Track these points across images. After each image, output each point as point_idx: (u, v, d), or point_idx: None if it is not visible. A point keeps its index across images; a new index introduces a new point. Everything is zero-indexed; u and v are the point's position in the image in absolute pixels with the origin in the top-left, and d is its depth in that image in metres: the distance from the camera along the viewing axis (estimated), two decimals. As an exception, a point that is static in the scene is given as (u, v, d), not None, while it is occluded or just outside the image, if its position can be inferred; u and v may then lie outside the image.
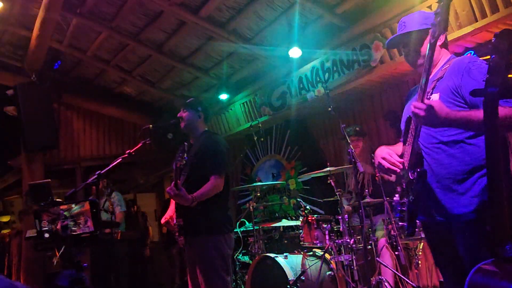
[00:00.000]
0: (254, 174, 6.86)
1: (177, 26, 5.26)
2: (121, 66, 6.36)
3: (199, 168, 2.88)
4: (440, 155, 1.89)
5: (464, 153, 1.84)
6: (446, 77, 1.89)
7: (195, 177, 2.93)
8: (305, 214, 4.10)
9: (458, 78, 1.84)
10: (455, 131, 1.85)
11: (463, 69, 1.84)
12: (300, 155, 6.07)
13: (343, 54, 4.68)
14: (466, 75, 1.81)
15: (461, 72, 1.84)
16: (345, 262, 3.64)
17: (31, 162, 6.22)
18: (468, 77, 1.80)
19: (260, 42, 5.25)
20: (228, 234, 3.07)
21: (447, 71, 1.92)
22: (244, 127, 6.32)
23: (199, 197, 2.84)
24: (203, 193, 2.87)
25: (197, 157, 3.04)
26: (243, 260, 5.49)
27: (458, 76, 1.85)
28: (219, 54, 5.71)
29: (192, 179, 2.89)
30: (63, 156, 6.87)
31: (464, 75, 1.83)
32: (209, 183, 2.92)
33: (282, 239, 4.80)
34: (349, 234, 3.65)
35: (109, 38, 5.67)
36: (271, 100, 5.80)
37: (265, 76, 5.85)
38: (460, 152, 1.85)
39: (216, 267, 2.91)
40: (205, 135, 3.20)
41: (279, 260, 3.81)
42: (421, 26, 1.99)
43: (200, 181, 2.92)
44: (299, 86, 5.35)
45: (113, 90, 7.02)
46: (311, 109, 5.53)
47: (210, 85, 6.43)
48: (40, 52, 5.64)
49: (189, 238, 3.00)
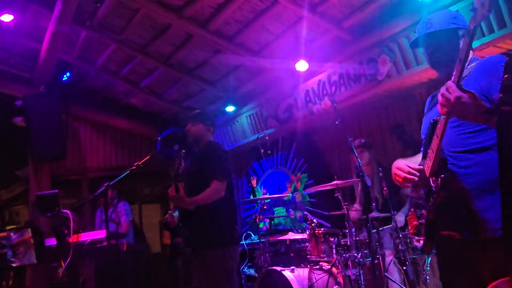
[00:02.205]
0: (259, 187, 6.85)
1: (185, 39, 5.32)
2: (128, 78, 6.41)
3: (200, 174, 2.89)
4: (466, 162, 1.76)
5: (492, 161, 1.68)
6: (472, 77, 1.77)
7: (197, 183, 2.93)
8: (312, 227, 4.07)
9: (486, 79, 1.71)
10: (482, 137, 1.74)
11: (492, 70, 1.70)
12: (306, 167, 6.06)
13: (350, 67, 4.70)
14: (494, 76, 1.65)
15: (490, 72, 1.71)
16: (352, 276, 3.60)
17: (39, 173, 6.25)
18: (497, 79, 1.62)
19: (267, 55, 5.29)
20: (232, 247, 3.05)
21: (472, 70, 1.81)
22: (250, 139, 6.34)
23: (199, 201, 2.83)
24: (203, 197, 2.87)
25: (197, 163, 3.06)
26: (248, 273, 5.45)
27: (486, 77, 1.72)
28: (226, 66, 5.75)
29: (194, 185, 2.89)
30: (70, 166, 6.91)
31: (492, 76, 1.67)
32: (209, 188, 2.92)
33: (288, 252, 4.76)
34: (357, 248, 3.63)
35: (117, 50, 5.74)
36: (277, 112, 5.82)
37: (272, 89, 5.88)
38: (488, 159, 1.71)
39: (219, 280, 2.90)
40: (207, 145, 3.23)
41: (285, 274, 3.78)
42: (449, 25, 1.86)
43: (201, 186, 2.93)
44: (306, 99, 5.37)
45: (120, 101, 7.07)
46: (318, 122, 5.54)
47: (216, 97, 6.47)
48: (49, 64, 5.71)
49: (196, 249, 3.01)
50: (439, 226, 1.80)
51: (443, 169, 1.71)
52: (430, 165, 1.73)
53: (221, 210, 2.97)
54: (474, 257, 1.73)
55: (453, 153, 1.79)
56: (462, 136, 1.78)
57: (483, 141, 1.74)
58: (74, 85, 6.73)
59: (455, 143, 1.79)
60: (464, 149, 1.77)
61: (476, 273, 1.73)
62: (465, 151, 1.77)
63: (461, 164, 1.77)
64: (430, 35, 1.88)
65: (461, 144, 1.78)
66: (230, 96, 6.22)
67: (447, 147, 1.76)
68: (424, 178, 1.79)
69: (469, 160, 1.76)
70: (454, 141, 1.79)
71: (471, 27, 1.54)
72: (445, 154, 1.76)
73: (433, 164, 1.71)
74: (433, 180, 1.73)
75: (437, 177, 1.70)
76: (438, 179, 1.69)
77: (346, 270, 3.65)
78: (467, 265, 1.76)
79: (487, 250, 1.68)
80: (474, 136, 1.75)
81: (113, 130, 7.31)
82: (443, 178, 1.68)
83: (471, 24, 1.53)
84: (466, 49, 1.55)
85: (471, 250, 1.74)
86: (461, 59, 1.56)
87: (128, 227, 5.95)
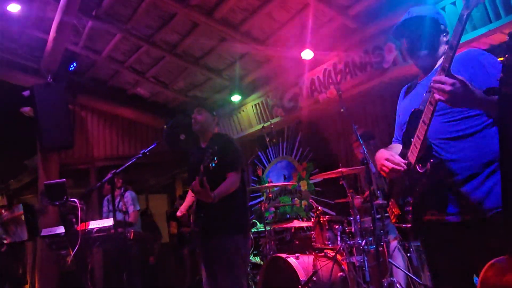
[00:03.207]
0: (265, 176, 6.88)
1: (191, 28, 5.32)
2: (135, 68, 6.44)
3: (217, 167, 2.90)
4: (451, 148, 1.81)
5: (475, 147, 1.77)
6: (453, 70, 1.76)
7: (213, 176, 2.94)
8: (316, 215, 4.10)
9: (468, 71, 1.76)
10: (465, 125, 1.80)
11: (473, 62, 1.78)
12: (312, 156, 6.07)
13: (356, 55, 4.69)
14: (477, 68, 1.75)
15: (471, 64, 1.78)
16: (357, 263, 3.63)
17: (47, 162, 6.33)
18: (480, 70, 1.73)
19: (272, 44, 5.28)
20: (247, 235, 3.10)
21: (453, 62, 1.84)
22: (256, 128, 6.36)
23: (219, 194, 2.87)
24: (222, 190, 2.90)
25: (212, 156, 3.06)
26: (254, 261, 5.50)
27: (468, 69, 1.77)
28: (232, 55, 5.75)
29: (210, 178, 2.90)
30: (78, 156, 6.97)
31: (475, 68, 1.76)
32: (227, 180, 2.96)
33: (293, 240, 4.80)
34: (361, 235, 3.65)
35: (123, 40, 5.76)
36: (283, 101, 5.83)
37: (278, 78, 5.88)
38: (470, 146, 1.78)
39: (235, 267, 2.93)
40: (216, 137, 3.24)
41: (290, 261, 3.82)
42: (433, 14, 1.92)
43: (217, 180, 2.95)
44: (311, 88, 5.36)
45: (127, 91, 7.11)
46: (323, 110, 5.54)
47: (222, 86, 6.48)
48: (56, 54, 5.74)
49: (208, 238, 3.01)
50: (426, 211, 1.84)
51: (429, 156, 1.75)
52: (416, 152, 1.77)
53: (237, 198, 3.02)
54: (462, 239, 1.78)
55: (437, 140, 1.83)
56: (446, 124, 1.82)
57: (465, 128, 1.79)
58: (80, 75, 6.77)
59: (439, 130, 1.83)
60: (448, 136, 1.82)
61: (465, 255, 1.77)
62: (449, 138, 1.82)
63: (447, 150, 1.81)
64: (414, 22, 1.92)
65: (445, 131, 1.83)
66: (236, 85, 6.23)
67: (431, 135, 1.79)
68: (410, 167, 1.83)
69: (453, 147, 1.80)
70: (439, 129, 1.82)
71: (464, 14, 1.55)
72: (429, 142, 1.80)
73: (419, 151, 1.76)
74: (420, 166, 1.77)
75: (424, 163, 1.75)
76: (427, 164, 1.73)
77: (351, 257, 3.68)
78: (456, 248, 1.81)
79: (475, 231, 1.73)
80: (457, 124, 1.81)
81: (119, 120, 7.36)
82: (432, 163, 1.72)
83: (464, 11, 1.55)
84: (459, 35, 1.58)
85: (458, 233, 1.78)
86: (452, 46, 1.59)
87: (136, 216, 6.00)
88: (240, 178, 3.05)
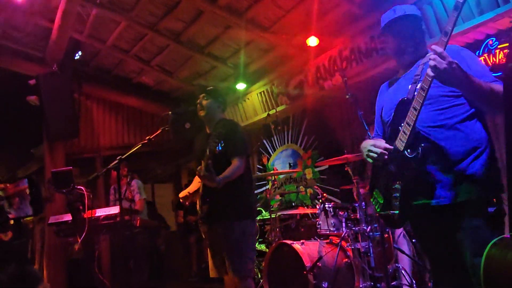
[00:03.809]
0: (270, 164, 6.89)
1: (195, 16, 5.29)
2: (139, 56, 6.43)
3: (221, 153, 2.90)
4: (439, 135, 1.89)
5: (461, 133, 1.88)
6: None
7: (219, 161, 2.94)
8: (322, 201, 4.11)
9: None
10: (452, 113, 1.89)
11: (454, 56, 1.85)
12: (317, 144, 6.07)
13: (361, 42, 4.65)
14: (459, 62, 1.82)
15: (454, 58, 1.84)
16: (362, 249, 3.65)
17: (53, 151, 6.36)
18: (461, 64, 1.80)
19: (277, 31, 5.25)
20: (253, 220, 3.12)
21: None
22: (261, 116, 6.34)
23: (224, 180, 2.88)
24: (227, 176, 2.91)
25: (216, 142, 3.07)
26: (259, 249, 5.54)
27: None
28: (237, 43, 5.73)
29: (215, 164, 2.91)
30: (83, 145, 7.01)
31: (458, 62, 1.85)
32: (232, 166, 2.96)
33: (298, 227, 4.82)
34: (366, 222, 3.66)
35: (128, 28, 5.75)
36: (288, 89, 5.81)
37: (283, 65, 5.85)
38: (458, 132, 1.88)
39: (243, 251, 2.95)
40: (222, 122, 3.24)
41: (295, 247, 3.84)
42: (417, 12, 2.06)
43: (223, 165, 2.96)
44: (317, 75, 5.34)
45: (131, 80, 7.11)
46: (329, 98, 5.52)
47: (227, 74, 6.47)
48: (61, 43, 5.74)
49: (215, 224, 3.02)
50: (416, 195, 1.90)
51: (418, 141, 1.83)
52: (406, 138, 1.85)
53: (243, 184, 3.03)
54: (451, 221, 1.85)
55: (426, 128, 1.91)
56: (434, 113, 1.91)
57: (452, 116, 1.89)
58: (85, 64, 6.78)
59: (428, 118, 1.91)
60: (437, 124, 1.91)
61: (455, 237, 1.83)
62: (438, 126, 1.91)
63: (435, 137, 1.90)
64: (401, 21, 2.02)
65: (434, 119, 1.91)
66: (240, 73, 6.21)
67: (419, 123, 1.87)
68: (396, 154, 1.90)
69: (441, 134, 1.89)
70: (428, 117, 1.91)
71: (460, 1, 1.65)
72: (418, 129, 1.88)
73: (409, 136, 1.83)
74: (409, 152, 1.84)
75: (414, 149, 1.83)
76: (418, 149, 1.81)
77: (356, 243, 3.69)
78: (446, 230, 1.88)
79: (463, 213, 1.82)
80: (445, 112, 1.91)
81: (125, 109, 7.37)
82: (424, 147, 1.80)
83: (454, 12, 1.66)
84: (454, 22, 1.67)
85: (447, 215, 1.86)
86: (447, 32, 1.69)
87: (142, 204, 6.04)
88: (245, 164, 3.06)
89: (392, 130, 1.98)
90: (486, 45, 4.01)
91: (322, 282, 3.59)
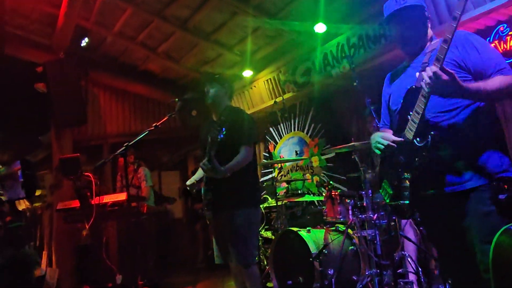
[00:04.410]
0: (277, 151, 6.88)
1: (202, 2, 5.24)
2: (146, 43, 6.41)
3: (228, 141, 2.88)
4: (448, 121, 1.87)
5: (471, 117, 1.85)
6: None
7: (225, 150, 2.94)
8: (328, 189, 4.10)
9: (459, 50, 1.88)
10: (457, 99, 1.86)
11: (464, 42, 1.89)
12: (324, 132, 6.04)
13: (370, 28, 4.59)
14: (469, 48, 1.85)
15: (464, 44, 1.89)
16: (368, 237, 3.64)
17: (61, 138, 6.40)
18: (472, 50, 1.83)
19: (285, 18, 5.19)
20: (257, 208, 3.12)
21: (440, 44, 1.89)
22: (267, 104, 6.32)
23: (231, 169, 2.87)
24: (235, 164, 2.90)
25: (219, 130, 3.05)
26: (265, 236, 5.56)
27: (459, 48, 1.88)
28: (243, 30, 5.68)
29: (222, 152, 2.90)
30: (91, 132, 7.03)
31: (465, 48, 1.88)
32: (240, 154, 2.95)
33: (305, 215, 4.83)
34: (373, 210, 3.65)
35: (134, 15, 5.71)
36: (295, 76, 5.77)
37: (290, 53, 5.80)
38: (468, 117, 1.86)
39: (247, 239, 2.96)
40: (228, 109, 3.22)
41: (302, 234, 3.85)
42: (421, 2, 2.04)
43: (229, 153, 2.95)
44: (324, 62, 5.29)
45: (138, 67, 7.10)
46: (336, 86, 5.48)
47: (234, 62, 6.43)
48: (68, 29, 5.73)
49: (220, 211, 3.03)
50: (426, 184, 1.89)
51: (428, 129, 1.82)
52: (415, 127, 1.84)
53: (247, 171, 3.02)
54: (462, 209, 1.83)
55: (435, 114, 1.89)
56: (442, 99, 1.88)
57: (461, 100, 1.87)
58: (92, 51, 6.77)
59: (437, 104, 1.89)
60: (445, 109, 1.89)
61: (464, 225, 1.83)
62: (447, 110, 1.89)
63: (445, 122, 1.88)
64: (404, 12, 2.00)
65: (443, 105, 1.89)
66: (247, 61, 6.17)
67: (428, 111, 1.86)
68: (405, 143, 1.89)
69: (450, 119, 1.87)
70: (436, 103, 1.88)
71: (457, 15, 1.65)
72: (427, 117, 1.87)
73: (418, 125, 1.82)
74: (418, 140, 1.83)
75: (423, 137, 1.81)
76: (427, 137, 1.79)
77: (362, 231, 3.69)
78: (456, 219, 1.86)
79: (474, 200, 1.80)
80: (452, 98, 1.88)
81: (131, 96, 7.38)
82: (433, 135, 1.79)
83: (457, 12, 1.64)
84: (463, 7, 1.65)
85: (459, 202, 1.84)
86: (456, 17, 1.67)
87: (149, 192, 6.08)
88: (252, 152, 3.05)
89: (401, 119, 1.98)
90: (497, 31, 3.95)
91: (328, 269, 3.60)
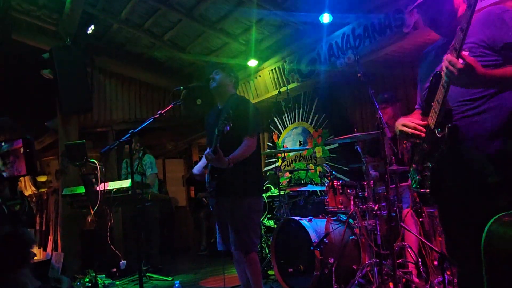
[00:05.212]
0: (281, 141, 6.91)
1: (208, -10, 5.25)
2: (152, 31, 6.42)
3: (232, 130, 2.87)
4: (471, 111, 1.79)
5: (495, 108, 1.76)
6: (474, 29, 1.75)
7: (230, 139, 2.95)
8: (330, 179, 4.13)
9: (489, 29, 1.76)
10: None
11: (495, 20, 1.75)
12: (328, 123, 6.05)
13: (375, 18, 4.57)
14: (499, 26, 1.73)
15: (493, 23, 1.76)
16: (369, 227, 3.68)
17: (67, 124, 6.45)
18: (501, 27, 1.71)
19: (290, 8, 5.18)
20: (260, 196, 3.16)
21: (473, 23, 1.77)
22: (272, 94, 6.33)
23: (235, 159, 2.90)
24: (238, 155, 2.92)
25: (227, 120, 3.07)
26: (268, 225, 5.62)
27: (490, 27, 1.77)
28: (249, 19, 5.67)
29: (226, 142, 2.91)
30: (97, 119, 7.08)
31: (496, 26, 1.75)
32: (243, 145, 2.97)
33: (307, 204, 4.87)
34: (374, 200, 3.68)
35: (140, 2, 5.72)
36: (300, 67, 5.77)
37: (295, 43, 5.80)
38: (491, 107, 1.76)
39: (249, 226, 3.00)
40: (233, 98, 3.23)
41: (303, 223, 3.89)
42: None
43: (233, 143, 2.97)
44: (329, 53, 5.29)
45: (144, 55, 7.12)
46: (341, 76, 5.47)
47: (239, 51, 6.43)
48: (74, 16, 5.74)
49: (222, 199, 3.07)
50: (444, 176, 1.83)
51: (448, 120, 1.74)
52: (436, 117, 1.77)
53: (251, 161, 3.04)
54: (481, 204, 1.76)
55: (458, 103, 1.82)
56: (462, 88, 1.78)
57: (484, 89, 1.77)
58: (99, 38, 6.79)
59: (458, 94, 1.81)
60: (469, 98, 1.80)
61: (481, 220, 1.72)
62: (470, 99, 1.80)
63: (468, 114, 1.80)
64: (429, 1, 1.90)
65: (466, 93, 1.81)
66: (252, 50, 6.17)
67: (452, 97, 1.78)
68: (429, 132, 1.82)
69: (475, 108, 1.79)
70: (460, 92, 1.79)
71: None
72: (449, 106, 1.78)
73: (439, 115, 1.75)
74: (438, 131, 1.76)
75: (443, 128, 1.74)
76: (445, 129, 1.72)
77: (363, 221, 3.73)
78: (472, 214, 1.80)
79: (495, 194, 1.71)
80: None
81: (137, 84, 7.41)
82: (450, 127, 1.72)
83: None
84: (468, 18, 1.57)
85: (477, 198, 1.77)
86: (463, 28, 1.59)
87: (153, 179, 6.14)
88: (256, 142, 3.07)
89: (427, 105, 1.90)
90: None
91: (328, 257, 3.65)
